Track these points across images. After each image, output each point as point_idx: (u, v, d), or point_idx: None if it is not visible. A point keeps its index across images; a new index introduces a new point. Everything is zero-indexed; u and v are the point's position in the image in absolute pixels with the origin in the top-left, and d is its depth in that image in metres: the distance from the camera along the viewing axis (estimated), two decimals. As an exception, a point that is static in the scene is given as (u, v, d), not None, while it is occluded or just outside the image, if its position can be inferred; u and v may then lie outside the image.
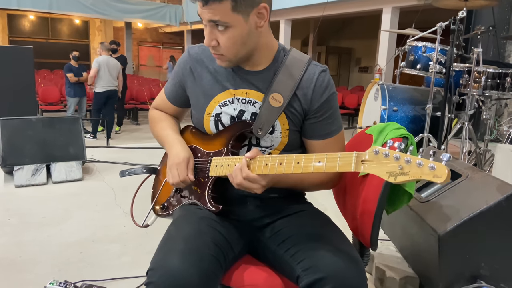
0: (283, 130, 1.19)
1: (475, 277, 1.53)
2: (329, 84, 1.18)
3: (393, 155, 0.84)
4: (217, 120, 1.22)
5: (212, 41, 1.09)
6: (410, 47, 3.87)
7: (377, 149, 0.86)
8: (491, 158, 3.67)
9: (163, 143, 1.33)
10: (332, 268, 0.98)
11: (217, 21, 1.05)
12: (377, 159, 0.86)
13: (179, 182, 1.19)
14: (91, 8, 11.65)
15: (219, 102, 1.21)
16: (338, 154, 0.94)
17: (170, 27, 15.59)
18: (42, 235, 2.64)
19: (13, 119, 3.80)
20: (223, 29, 1.06)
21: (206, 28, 1.09)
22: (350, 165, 0.90)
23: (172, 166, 1.21)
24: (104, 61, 6.24)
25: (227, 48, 1.10)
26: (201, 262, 0.99)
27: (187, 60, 1.27)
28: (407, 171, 0.82)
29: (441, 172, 0.78)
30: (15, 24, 15.56)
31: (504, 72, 3.45)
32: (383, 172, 0.85)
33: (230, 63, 1.15)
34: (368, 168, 0.88)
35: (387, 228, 2.21)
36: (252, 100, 1.19)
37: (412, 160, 0.81)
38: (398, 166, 0.83)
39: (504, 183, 1.53)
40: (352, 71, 14.32)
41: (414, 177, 0.81)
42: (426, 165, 0.80)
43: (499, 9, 5.92)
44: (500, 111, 6.18)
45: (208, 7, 1.03)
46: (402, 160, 0.83)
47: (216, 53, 1.12)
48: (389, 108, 3.71)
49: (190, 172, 1.20)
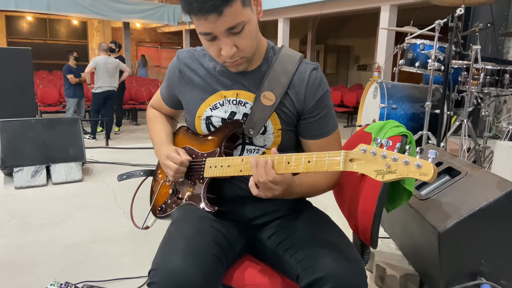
0: (275, 130, 1.18)
1: (475, 274, 1.54)
2: (322, 81, 1.18)
3: (380, 153, 0.84)
4: (208, 122, 1.22)
5: (232, 49, 1.04)
6: (408, 44, 3.87)
7: (365, 147, 0.86)
8: (491, 155, 3.68)
9: (154, 146, 1.35)
10: (332, 267, 0.98)
11: (235, 25, 1.01)
12: (365, 157, 0.86)
13: (177, 167, 1.20)
14: (89, 8, 11.62)
15: (209, 105, 1.21)
16: (326, 153, 0.94)
17: (168, 27, 15.56)
18: (43, 236, 2.64)
19: (12, 121, 3.80)
20: (239, 30, 1.03)
21: (220, 40, 1.04)
22: (339, 164, 0.90)
23: (164, 160, 1.23)
24: (102, 61, 6.22)
25: (247, 47, 1.08)
26: (203, 262, 0.99)
27: (176, 64, 1.27)
28: (394, 169, 0.81)
29: (427, 170, 0.77)
30: (13, 26, 15.53)
31: (502, 69, 3.45)
32: (371, 170, 0.85)
33: (247, 63, 1.13)
34: (357, 167, 0.87)
35: (387, 226, 2.21)
36: (243, 100, 1.19)
37: (398, 158, 0.81)
38: (385, 165, 0.82)
39: (503, 180, 1.53)
40: (351, 69, 14.31)
41: (401, 175, 0.81)
42: (412, 163, 0.79)
43: (497, 5, 5.92)
44: (499, 108, 6.18)
45: (222, 17, 0.98)
46: (389, 159, 0.82)
47: (236, 58, 1.08)
48: (388, 106, 3.71)
49: (183, 153, 1.22)
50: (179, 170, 1.21)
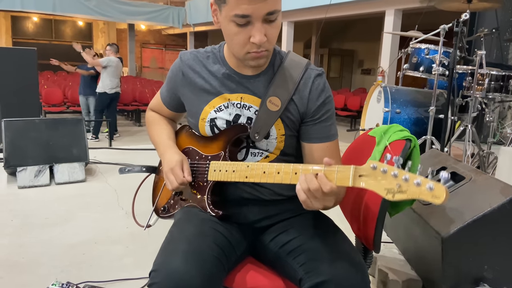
0: (279, 135, 1.18)
1: (478, 280, 1.53)
2: (325, 87, 1.17)
3: (391, 172, 0.83)
4: (213, 125, 1.21)
5: (264, 37, 1.02)
6: (413, 49, 3.86)
7: (375, 164, 0.85)
8: (494, 161, 3.66)
9: (156, 149, 1.33)
10: (335, 271, 0.97)
11: (274, 11, 1.00)
12: (374, 174, 0.85)
13: (177, 186, 1.18)
14: (94, 10, 11.71)
15: (214, 107, 1.19)
16: (336, 167, 0.92)
17: (173, 29, 15.62)
18: (45, 236, 2.65)
19: (16, 121, 3.81)
20: (275, 18, 1.02)
21: (253, 26, 1.01)
22: (348, 179, 0.89)
23: (167, 172, 1.21)
24: (115, 62, 6.26)
25: (274, 39, 1.07)
26: (204, 264, 0.99)
27: (179, 66, 1.25)
28: (405, 190, 0.81)
29: (439, 194, 0.77)
30: (18, 26, 15.63)
31: (507, 75, 3.44)
32: (381, 189, 0.84)
33: (267, 59, 1.13)
34: (366, 184, 0.86)
35: (390, 230, 2.20)
36: (248, 104, 1.17)
37: (410, 178, 0.80)
38: (396, 185, 0.82)
39: (507, 186, 1.52)
40: (355, 73, 14.31)
41: (412, 196, 0.80)
42: (424, 184, 0.78)
43: (502, 11, 5.91)
44: (503, 114, 6.16)
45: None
46: (400, 178, 0.81)
47: (263, 50, 1.06)
48: (392, 110, 3.70)
49: (187, 173, 1.19)
50: (178, 188, 1.20)
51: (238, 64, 1.17)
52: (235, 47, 1.08)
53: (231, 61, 1.18)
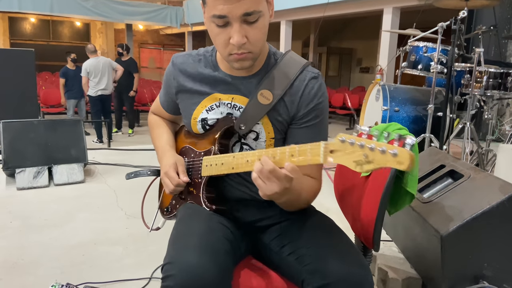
0: (268, 138, 1.17)
1: (477, 278, 1.53)
2: (319, 91, 1.15)
3: (358, 142, 0.78)
4: (204, 124, 1.22)
5: (243, 38, 1.01)
6: (411, 47, 3.86)
7: (343, 137, 0.81)
8: (493, 158, 3.67)
9: (156, 153, 1.35)
10: (340, 273, 0.96)
11: (252, 12, 0.99)
12: (344, 148, 0.81)
13: (174, 188, 1.20)
14: (92, 10, 11.67)
15: (205, 106, 1.21)
16: (308, 145, 0.89)
17: (171, 29, 15.59)
18: (44, 237, 2.64)
19: (15, 122, 3.81)
20: (254, 19, 1.01)
21: (232, 27, 1.01)
22: (319, 156, 0.86)
23: (163, 176, 1.23)
24: (92, 65, 6.20)
25: (257, 41, 1.05)
26: (218, 257, 0.98)
27: (171, 71, 1.26)
28: (372, 159, 0.76)
29: (403, 158, 0.71)
30: (16, 27, 15.58)
31: (505, 72, 3.44)
32: (350, 161, 0.80)
33: (253, 61, 1.09)
34: (335, 159, 0.83)
35: (389, 229, 2.20)
36: (238, 105, 1.18)
37: (375, 146, 0.75)
38: (363, 155, 0.77)
39: (506, 183, 1.52)
40: (353, 71, 14.30)
41: (379, 165, 0.75)
42: (388, 151, 0.73)
43: (500, 8, 5.91)
44: (502, 111, 6.17)
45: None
46: (366, 148, 0.76)
47: (244, 51, 1.04)
48: (391, 108, 3.70)
49: (182, 175, 1.21)
50: (175, 190, 1.21)
51: (229, 66, 1.15)
52: (219, 48, 1.09)
53: (223, 63, 1.19)
